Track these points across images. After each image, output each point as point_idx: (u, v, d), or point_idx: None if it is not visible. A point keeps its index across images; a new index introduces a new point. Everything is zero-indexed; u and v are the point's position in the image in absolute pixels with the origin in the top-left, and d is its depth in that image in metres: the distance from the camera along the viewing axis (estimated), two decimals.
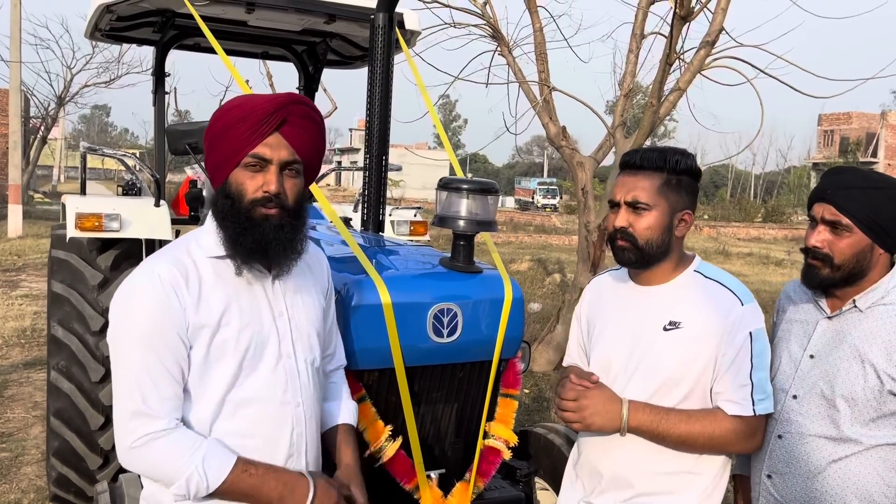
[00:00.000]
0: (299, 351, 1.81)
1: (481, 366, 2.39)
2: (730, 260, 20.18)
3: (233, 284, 1.73)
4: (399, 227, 4.51)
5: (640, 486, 1.94)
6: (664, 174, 1.91)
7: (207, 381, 1.69)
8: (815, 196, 1.96)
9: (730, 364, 1.86)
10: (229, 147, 1.69)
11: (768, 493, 2.00)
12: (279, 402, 1.75)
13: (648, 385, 1.91)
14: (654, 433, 1.87)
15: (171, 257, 1.71)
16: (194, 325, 1.66)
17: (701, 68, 6.54)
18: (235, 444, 1.70)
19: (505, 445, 2.40)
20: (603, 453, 1.99)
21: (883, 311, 1.87)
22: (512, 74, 7.66)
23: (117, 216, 3.61)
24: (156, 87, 4.42)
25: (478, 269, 2.40)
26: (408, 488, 2.26)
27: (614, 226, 1.95)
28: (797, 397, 1.95)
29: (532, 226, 28.81)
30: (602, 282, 2.20)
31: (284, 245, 1.71)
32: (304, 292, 1.85)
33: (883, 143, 51.50)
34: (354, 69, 4.88)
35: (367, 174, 2.99)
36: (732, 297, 1.91)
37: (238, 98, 1.76)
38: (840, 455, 1.86)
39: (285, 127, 1.70)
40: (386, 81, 2.98)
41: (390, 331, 2.18)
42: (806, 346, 1.98)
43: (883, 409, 1.83)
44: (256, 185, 1.68)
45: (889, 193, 1.88)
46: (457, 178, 2.38)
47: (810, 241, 1.93)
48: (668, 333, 1.91)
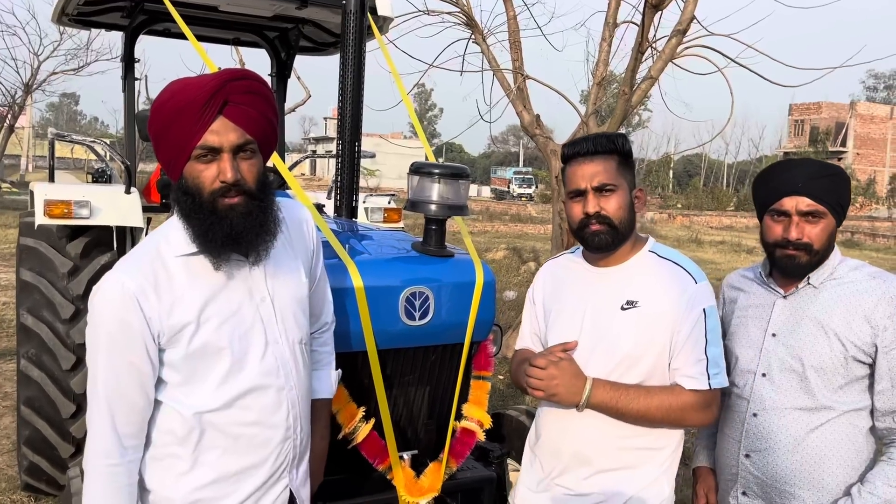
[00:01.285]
0: (287, 333, 1.78)
1: (453, 348, 2.42)
2: (702, 248, 20.44)
3: (207, 279, 1.68)
4: (373, 214, 4.52)
5: (599, 463, 1.98)
6: (616, 156, 1.99)
7: (198, 379, 1.68)
8: (782, 190, 2.01)
9: (685, 340, 1.92)
10: (175, 142, 1.61)
11: (748, 473, 2.07)
12: (274, 388, 1.75)
13: (608, 363, 1.96)
14: (613, 409, 1.91)
15: (140, 263, 1.66)
16: (169, 329, 1.64)
17: (672, 57, 6.59)
18: (234, 433, 1.71)
19: (479, 426, 2.44)
20: (563, 432, 2.03)
21: (835, 284, 2.02)
22: (486, 62, 7.67)
23: (87, 203, 3.57)
24: (125, 73, 4.37)
25: (449, 253, 2.43)
26: (381, 469, 2.29)
27: (585, 212, 1.97)
28: (766, 375, 2.05)
29: (508, 215, 28.89)
30: (558, 265, 2.23)
31: (257, 231, 1.66)
32: (285, 270, 1.80)
33: (852, 133, 52.38)
34: (327, 56, 4.86)
35: (340, 161, 2.99)
36: (686, 276, 1.97)
37: (172, 86, 1.64)
38: (816, 423, 1.97)
39: (228, 108, 1.60)
40: (358, 67, 2.98)
41: (362, 314, 2.20)
42: (766, 327, 2.08)
43: (849, 375, 1.96)
44: (212, 175, 1.61)
45: (842, 176, 2.04)
46: (428, 163, 2.41)
47: (791, 234, 1.98)
48: (626, 313, 1.96)
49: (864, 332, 1.94)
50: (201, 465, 1.70)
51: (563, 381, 1.92)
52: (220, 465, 1.71)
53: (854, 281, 2.00)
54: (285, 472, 1.80)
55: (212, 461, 1.70)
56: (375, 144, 9.53)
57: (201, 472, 1.70)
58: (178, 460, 1.70)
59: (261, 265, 1.74)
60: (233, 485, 1.73)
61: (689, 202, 44.65)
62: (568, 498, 2.02)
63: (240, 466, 1.72)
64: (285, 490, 1.81)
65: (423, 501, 2.30)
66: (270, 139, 1.73)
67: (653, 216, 30.88)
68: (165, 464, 1.71)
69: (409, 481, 2.30)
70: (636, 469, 1.98)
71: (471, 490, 2.48)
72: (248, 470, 1.74)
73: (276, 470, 1.78)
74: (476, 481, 2.48)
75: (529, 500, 2.12)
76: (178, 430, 1.69)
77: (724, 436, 2.17)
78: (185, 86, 1.62)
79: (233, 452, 1.71)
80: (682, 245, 21.08)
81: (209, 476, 1.71)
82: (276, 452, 1.77)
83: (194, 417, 1.67)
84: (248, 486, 1.74)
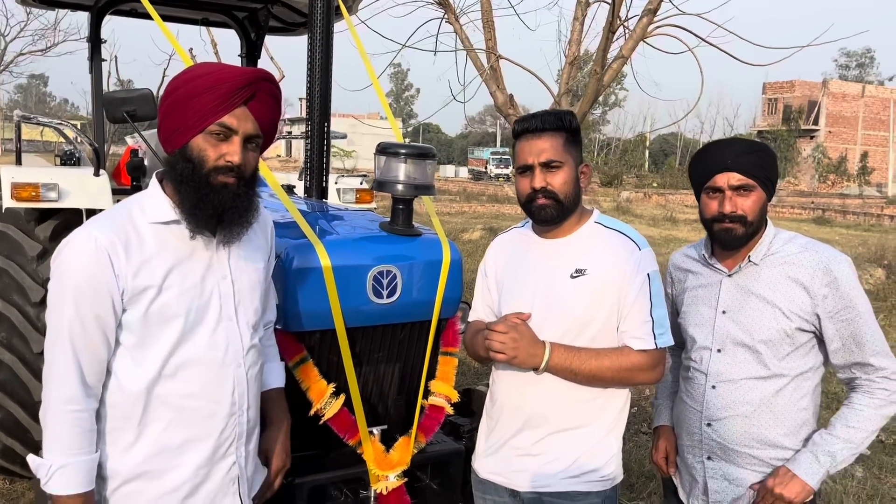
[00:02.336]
0: (241, 314, 1.86)
1: (421, 325, 2.47)
2: (677, 226, 20.67)
3: (175, 250, 1.76)
4: (345, 194, 4.53)
5: (555, 422, 2.08)
6: (563, 133, 2.07)
7: (150, 343, 1.73)
8: (714, 168, 2.13)
9: (632, 304, 2.03)
10: (195, 112, 1.70)
11: (710, 440, 2.20)
12: (220, 363, 1.81)
13: (559, 327, 2.05)
14: (568, 370, 2.01)
15: (113, 222, 1.73)
16: (133, 289, 1.70)
17: (644, 36, 6.64)
18: (178, 405, 1.76)
19: (447, 402, 2.49)
20: (521, 394, 2.11)
21: (774, 259, 2.16)
22: (459, 42, 7.65)
23: (55, 186, 3.55)
24: (92, 53, 4.31)
25: (417, 231, 2.46)
26: (351, 443, 2.34)
27: (532, 187, 2.06)
28: (721, 350, 2.19)
29: (485, 196, 28.92)
30: (508, 238, 2.31)
31: (240, 213, 1.77)
32: (248, 258, 1.90)
33: (824, 111, 52.97)
34: (297, 36, 4.84)
35: (310, 142, 3.00)
36: (631, 244, 2.08)
37: (206, 65, 1.78)
38: (770, 391, 2.12)
39: (253, 102, 1.75)
40: (326, 48, 2.99)
41: (330, 293, 2.23)
42: (716, 305, 2.21)
43: (795, 343, 2.11)
44: (219, 153, 1.72)
45: (768, 151, 2.18)
46: (395, 143, 2.43)
47: (725, 208, 2.11)
48: (575, 280, 2.06)
49: (805, 303, 2.08)
50: (146, 436, 1.75)
51: (522, 344, 2.00)
52: (165, 437, 1.76)
53: (790, 254, 2.13)
54: (232, 448, 1.85)
55: (156, 433, 1.76)
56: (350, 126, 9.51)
57: (146, 443, 1.75)
58: (123, 433, 1.75)
59: (227, 247, 1.84)
60: (177, 457, 1.78)
61: (665, 181, 44.97)
62: (519, 458, 2.12)
63: (183, 438, 1.78)
64: (234, 466, 1.86)
65: (393, 475, 2.35)
66: (270, 140, 1.90)
67: (629, 195, 31.08)
68: (112, 437, 1.76)
69: (379, 455, 2.35)
70: (586, 427, 2.09)
71: (440, 463, 2.54)
72: (191, 442, 1.79)
73: (221, 444, 1.83)
74: (445, 454, 2.53)
75: (488, 462, 2.21)
76: (125, 402, 1.74)
77: (685, 405, 2.29)
78: (222, 68, 1.76)
79: (177, 424, 1.77)
80: (658, 223, 21.29)
81: (154, 447, 1.76)
82: (221, 427, 1.82)
83: (140, 388, 1.73)
84: (194, 459, 1.79)
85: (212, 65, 1.79)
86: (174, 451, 1.78)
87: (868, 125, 55.28)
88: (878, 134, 55.37)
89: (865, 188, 47.95)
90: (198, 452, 1.80)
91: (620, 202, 27.37)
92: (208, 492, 1.83)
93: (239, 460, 1.87)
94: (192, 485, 1.80)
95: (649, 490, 4.08)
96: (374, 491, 2.35)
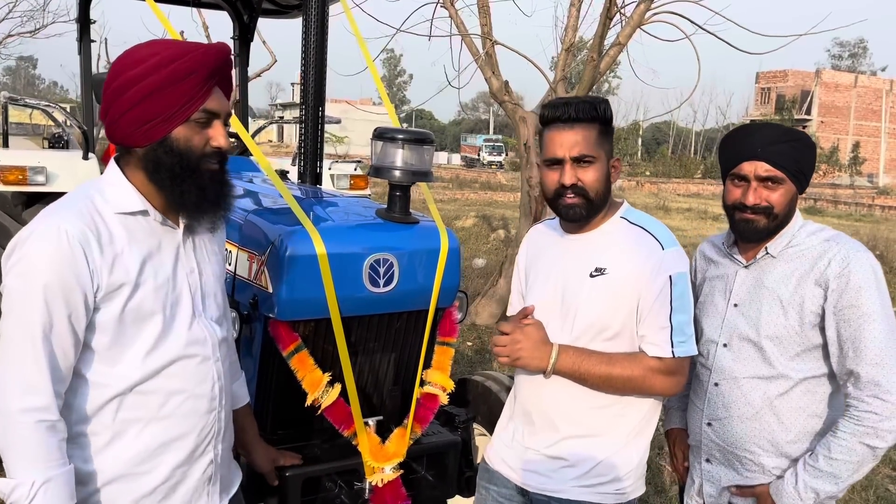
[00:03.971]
0: (207, 308, 1.77)
1: (418, 315, 2.42)
2: (669, 215, 20.66)
3: (145, 242, 1.64)
4: (339, 180, 4.48)
5: (565, 429, 1.99)
6: (598, 124, 1.92)
7: (126, 343, 1.60)
8: (742, 155, 1.99)
9: (650, 307, 1.90)
10: (176, 101, 1.57)
11: (710, 441, 2.09)
12: (200, 358, 1.72)
13: (575, 329, 1.96)
14: (576, 374, 1.91)
15: (79, 212, 1.56)
16: (108, 286, 1.56)
17: (640, 23, 6.59)
18: (160, 402, 1.66)
19: (442, 391, 2.45)
20: (534, 396, 2.04)
21: (792, 252, 2.00)
22: (454, 27, 7.57)
23: (42, 169, 3.48)
24: (80, 35, 4.22)
25: (414, 219, 2.41)
26: (346, 434, 2.29)
27: (562, 183, 1.92)
28: (727, 345, 2.05)
29: (478, 183, 28.81)
30: (538, 231, 2.23)
31: (226, 199, 1.70)
32: (210, 251, 1.82)
33: (817, 101, 53.05)
34: (291, 19, 4.76)
35: (304, 127, 2.94)
36: (654, 242, 1.94)
37: (160, 48, 1.60)
38: (775, 392, 1.98)
39: (220, 80, 1.67)
40: (321, 31, 2.92)
41: (326, 281, 2.18)
42: (729, 297, 2.08)
43: (805, 343, 1.95)
44: (203, 139, 1.63)
45: (805, 142, 2.01)
46: (392, 128, 2.37)
47: (748, 199, 1.97)
48: (594, 280, 1.95)
49: (817, 297, 1.93)
50: (122, 439, 1.64)
51: (526, 346, 1.92)
52: (143, 439, 1.66)
53: (810, 247, 1.99)
54: (210, 446, 1.77)
55: (134, 434, 1.65)
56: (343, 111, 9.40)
57: (122, 445, 1.64)
58: (96, 437, 1.62)
59: (192, 238, 1.75)
60: (156, 457, 1.67)
61: (658, 169, 44.98)
62: (537, 459, 2.04)
63: (163, 439, 1.68)
64: (211, 465, 1.78)
65: (389, 467, 2.31)
66: None
67: (621, 183, 31.06)
68: (83, 441, 1.62)
69: (375, 447, 2.31)
70: (602, 436, 1.98)
71: (436, 454, 2.51)
72: (172, 442, 1.69)
73: (201, 442, 1.75)
74: (441, 446, 2.50)
75: (502, 452, 2.14)
76: (96, 406, 1.61)
77: (691, 404, 2.19)
78: (188, 49, 1.60)
79: (156, 424, 1.66)
80: (650, 212, 21.08)
81: (131, 449, 1.65)
82: (202, 424, 1.74)
83: (116, 390, 1.61)
84: (173, 459, 1.70)
85: (173, 44, 1.62)
86: (153, 452, 1.68)
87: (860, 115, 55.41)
88: (869, 124, 55.52)
89: (857, 178, 48.11)
90: (178, 452, 1.71)
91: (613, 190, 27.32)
92: (185, 491, 1.74)
93: (216, 458, 1.80)
94: (170, 485, 1.71)
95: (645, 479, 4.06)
96: (369, 483, 2.31)
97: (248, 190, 3.01)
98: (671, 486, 4.07)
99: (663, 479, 4.15)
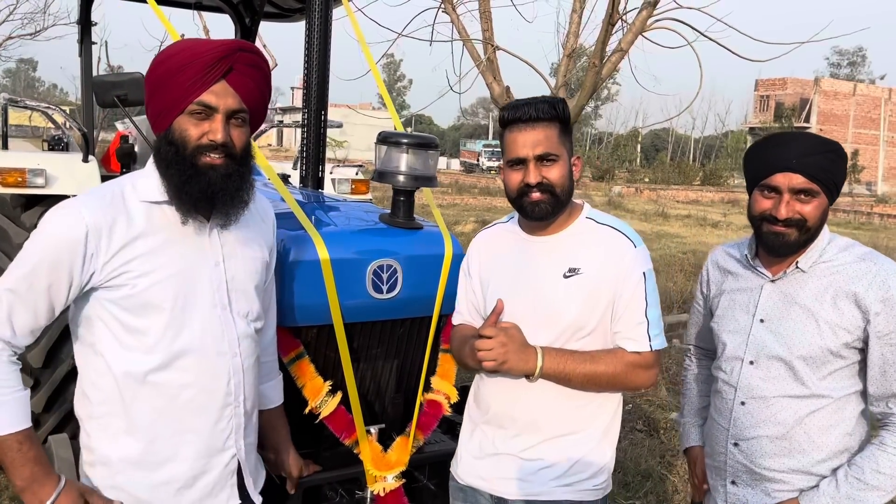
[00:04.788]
0: (235, 302, 1.79)
1: (421, 321, 2.40)
2: (668, 222, 20.67)
3: (165, 231, 1.70)
4: (340, 185, 4.46)
5: (549, 430, 1.97)
6: (558, 123, 1.93)
7: (137, 329, 1.67)
8: (776, 166, 1.90)
9: (627, 304, 1.93)
10: (173, 93, 1.64)
11: (736, 462, 2.02)
12: (215, 352, 1.75)
13: (552, 331, 1.94)
14: (560, 375, 1.90)
15: (102, 200, 1.66)
16: (110, 271, 1.63)
17: (643, 29, 6.57)
18: (170, 394, 1.70)
19: (445, 399, 2.42)
20: (514, 401, 1.99)
21: (825, 268, 1.94)
22: (456, 32, 7.56)
23: (42, 172, 3.45)
24: (81, 36, 4.21)
25: (418, 225, 2.39)
26: (347, 443, 2.26)
27: (526, 182, 1.91)
28: (753, 363, 1.98)
29: (477, 188, 28.84)
30: (492, 235, 2.16)
31: (232, 194, 1.70)
32: (245, 244, 1.83)
33: (816, 109, 53.14)
34: (293, 22, 4.74)
35: (306, 131, 2.92)
36: (626, 241, 1.96)
37: (182, 42, 1.72)
38: (806, 411, 1.92)
39: (232, 75, 1.67)
40: (325, 33, 2.91)
41: (328, 287, 2.15)
42: (754, 312, 2.00)
43: (839, 362, 1.90)
44: (201, 131, 1.66)
45: (839, 153, 1.93)
46: (396, 133, 2.35)
47: (780, 212, 1.88)
48: (568, 280, 1.94)
49: (856, 318, 1.86)
50: (137, 424, 1.69)
51: (512, 349, 1.88)
52: (157, 427, 1.70)
53: (844, 264, 1.91)
54: (231, 441, 1.79)
55: (148, 422, 1.70)
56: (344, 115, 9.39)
57: (137, 431, 1.69)
58: (113, 419, 1.69)
59: (222, 231, 1.77)
60: (171, 448, 1.72)
61: (657, 176, 45.06)
62: (509, 465, 2.00)
63: (176, 429, 1.72)
64: (233, 460, 1.80)
65: (391, 476, 2.28)
66: (261, 113, 1.81)
67: (620, 190, 31.09)
68: (102, 422, 1.70)
69: (377, 455, 2.28)
70: (580, 433, 1.98)
71: (438, 463, 2.47)
72: (185, 434, 1.73)
73: (217, 436, 1.77)
74: (443, 454, 2.45)
75: (473, 465, 2.09)
76: (112, 386, 1.68)
77: (713, 422, 2.11)
78: (195, 44, 1.68)
79: (169, 414, 1.70)
80: (649, 219, 21.28)
81: (146, 437, 1.70)
82: (216, 419, 1.76)
83: (129, 373, 1.67)
84: (189, 451, 1.73)
85: (188, 41, 1.71)
86: (168, 442, 1.72)
87: (859, 123, 55.53)
88: (868, 132, 55.63)
89: (855, 186, 48.19)
90: (193, 444, 1.74)
91: (612, 197, 27.38)
92: (206, 484, 1.77)
93: (239, 453, 1.82)
94: (189, 476, 1.74)
95: (646, 489, 4.03)
96: (371, 492, 2.28)
97: None
98: (673, 496, 4.04)
99: (665, 487, 4.11)
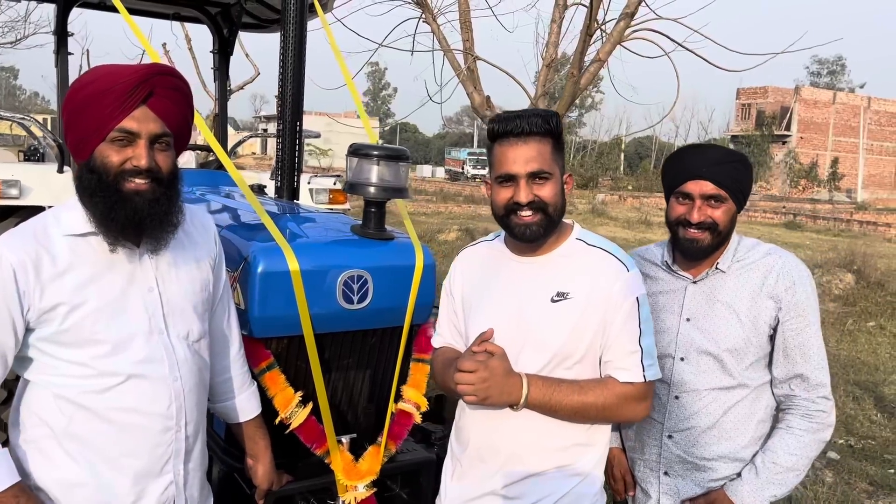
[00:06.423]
0: (172, 326, 1.77)
1: (392, 332, 2.41)
2: (651, 229, 20.80)
3: (91, 262, 1.68)
4: (318, 195, 4.46)
5: (532, 465, 1.84)
6: (551, 139, 1.81)
7: (70, 358, 1.66)
8: (688, 174, 2.07)
9: (619, 331, 1.80)
10: (93, 121, 1.62)
11: (670, 453, 2.14)
12: (154, 377, 1.73)
13: (539, 359, 1.81)
14: (546, 406, 1.76)
15: (24, 238, 1.65)
16: (41, 309, 1.62)
17: (621, 40, 6.63)
18: (109, 418, 1.68)
19: (416, 409, 2.43)
20: (495, 432, 1.85)
21: (739, 266, 2.12)
22: (437, 42, 7.60)
23: (16, 182, 3.44)
24: (58, 46, 4.19)
25: (389, 235, 2.40)
26: (318, 453, 2.27)
27: (516, 201, 1.79)
28: (684, 359, 2.12)
29: (462, 196, 28.88)
30: (476, 254, 2.04)
31: (160, 219, 1.69)
32: (179, 265, 1.81)
33: (796, 117, 53.73)
34: (271, 33, 4.75)
35: (281, 141, 2.93)
36: (618, 264, 1.84)
37: (99, 68, 1.68)
38: (733, 401, 2.08)
39: (152, 99, 1.65)
40: (299, 45, 2.92)
41: (298, 298, 2.16)
42: (680, 312, 2.15)
43: (759, 352, 2.08)
44: (123, 157, 1.64)
45: (745, 163, 2.13)
46: (367, 144, 2.37)
47: (693, 216, 2.05)
48: (556, 304, 1.81)
49: (770, 308, 2.05)
50: (72, 449, 1.68)
51: (494, 382, 1.74)
52: (93, 451, 1.69)
53: (754, 261, 2.10)
54: (169, 466, 1.77)
55: (83, 446, 1.68)
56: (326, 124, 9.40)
57: (72, 456, 1.68)
58: (47, 442, 1.68)
59: (153, 256, 1.76)
60: (107, 472, 1.70)
61: (640, 184, 45.29)
62: (500, 501, 1.87)
63: (113, 454, 1.70)
64: (170, 486, 1.77)
65: (362, 485, 2.29)
66: (185, 135, 1.80)
67: (604, 198, 31.25)
68: (35, 447, 1.69)
69: (348, 465, 2.29)
70: (569, 467, 1.84)
71: (410, 472, 2.49)
72: (123, 458, 1.71)
73: (155, 462, 1.75)
74: (415, 464, 2.48)
75: None
76: (49, 413, 1.67)
77: (646, 418, 2.11)
78: (112, 71, 1.65)
79: (106, 439, 1.69)
80: (632, 226, 21.41)
81: (81, 461, 1.68)
82: (155, 443, 1.74)
83: (66, 401, 1.66)
84: (126, 476, 1.71)
85: (105, 66, 1.68)
86: (104, 466, 1.70)
87: (839, 132, 56.17)
88: (848, 140, 56.29)
89: (835, 194, 48.72)
90: (130, 469, 1.71)
91: (596, 204, 27.49)
92: None
93: (176, 479, 1.79)
94: (125, 502, 1.72)
95: None
96: (343, 502, 2.29)
97: (224, 205, 2.99)
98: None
99: None
